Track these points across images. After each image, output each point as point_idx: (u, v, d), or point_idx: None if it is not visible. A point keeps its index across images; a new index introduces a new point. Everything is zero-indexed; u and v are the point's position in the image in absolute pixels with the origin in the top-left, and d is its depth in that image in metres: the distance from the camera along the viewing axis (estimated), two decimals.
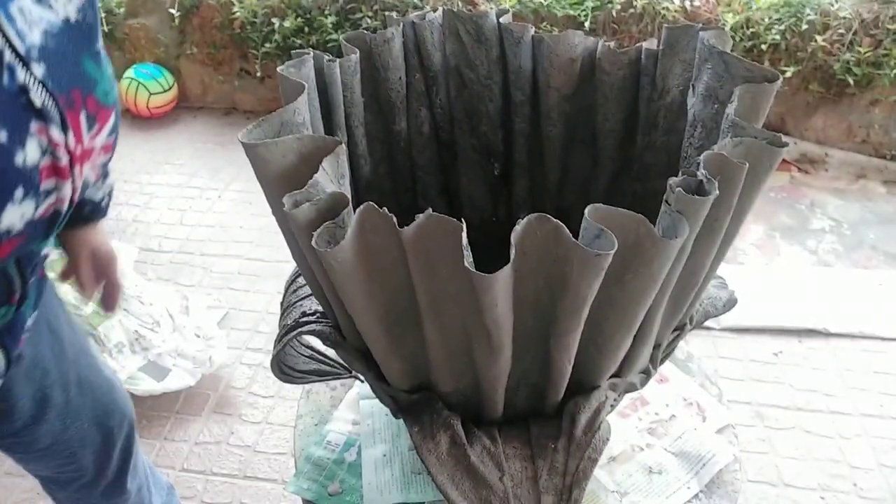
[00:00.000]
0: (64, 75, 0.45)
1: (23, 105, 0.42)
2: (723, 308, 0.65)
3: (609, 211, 0.39)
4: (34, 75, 0.42)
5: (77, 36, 0.47)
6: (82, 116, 0.48)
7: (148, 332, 1.57)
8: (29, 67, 0.42)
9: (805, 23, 2.33)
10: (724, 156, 0.41)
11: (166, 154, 2.67)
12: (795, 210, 2.30)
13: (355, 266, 0.41)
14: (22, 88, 0.42)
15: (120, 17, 2.94)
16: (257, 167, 0.43)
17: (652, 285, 0.43)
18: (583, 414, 0.53)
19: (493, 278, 0.37)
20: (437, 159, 0.75)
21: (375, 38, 0.64)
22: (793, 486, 1.41)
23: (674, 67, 0.58)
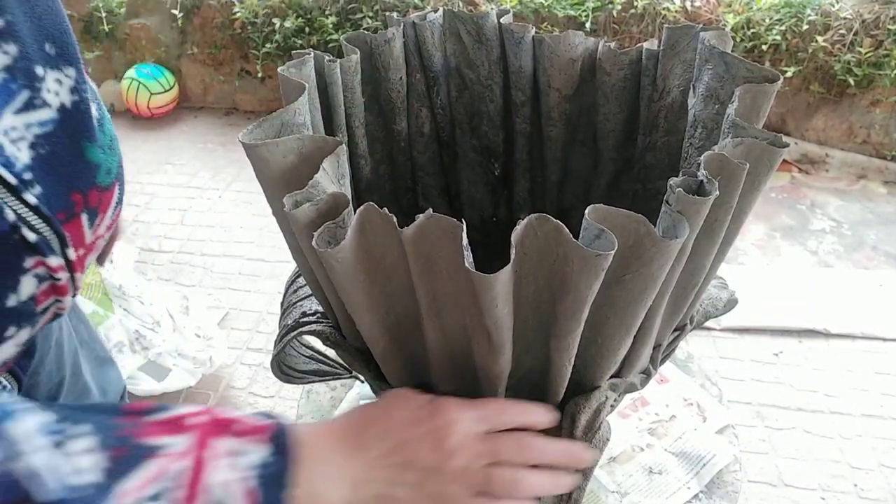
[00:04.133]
0: (62, 184, 0.40)
1: (14, 244, 0.37)
2: (723, 308, 0.65)
3: (609, 211, 0.39)
4: (28, 205, 0.37)
5: (75, 122, 0.41)
6: (83, 218, 0.42)
7: (148, 332, 1.57)
8: (21, 198, 0.37)
9: (806, 23, 2.33)
10: (725, 156, 0.41)
11: (167, 154, 2.67)
12: (796, 210, 2.30)
13: (356, 266, 0.41)
14: (13, 227, 0.37)
15: (121, 17, 2.94)
16: (257, 167, 0.43)
17: (652, 286, 0.43)
18: (583, 414, 0.53)
19: (494, 278, 0.37)
20: (438, 160, 0.75)
21: (376, 38, 0.64)
22: (793, 487, 1.41)
23: (674, 68, 0.58)
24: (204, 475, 0.36)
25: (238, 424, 0.39)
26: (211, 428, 0.38)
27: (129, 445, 0.36)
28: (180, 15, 2.85)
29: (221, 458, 0.37)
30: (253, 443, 0.39)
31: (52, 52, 0.39)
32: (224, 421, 0.39)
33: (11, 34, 0.37)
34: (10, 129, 0.37)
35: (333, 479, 0.41)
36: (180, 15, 2.85)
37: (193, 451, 0.37)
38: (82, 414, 0.37)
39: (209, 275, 2.01)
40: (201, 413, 0.39)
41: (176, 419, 0.38)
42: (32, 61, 0.38)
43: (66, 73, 0.40)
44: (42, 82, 0.38)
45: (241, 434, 0.39)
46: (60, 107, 0.40)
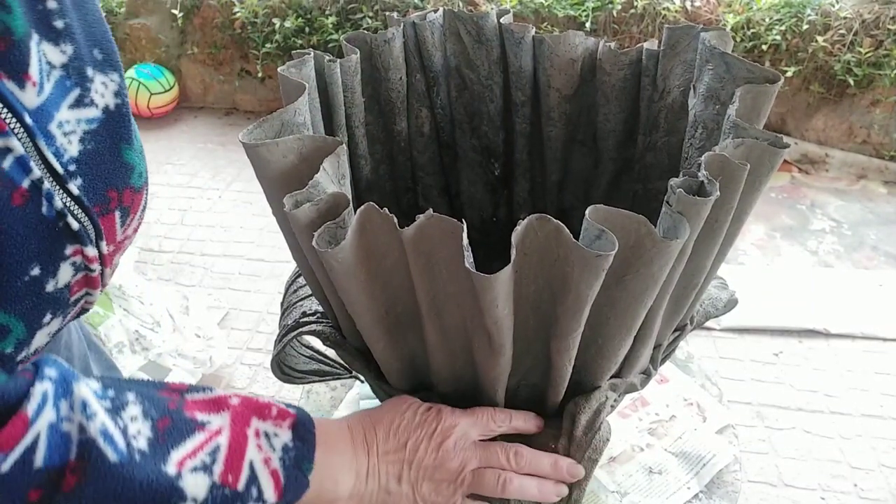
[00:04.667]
0: (101, 179, 0.43)
1: (59, 231, 0.40)
2: (723, 308, 0.65)
3: (610, 212, 0.39)
4: (72, 195, 0.40)
5: (116, 124, 0.44)
6: (117, 215, 0.45)
7: (148, 332, 1.57)
8: (67, 188, 0.40)
9: (806, 23, 2.33)
10: (725, 157, 0.41)
11: (167, 154, 2.67)
12: (796, 210, 2.30)
13: (356, 266, 0.41)
14: (60, 214, 0.39)
15: (121, 17, 2.94)
16: (257, 167, 0.43)
17: (652, 286, 0.43)
18: (583, 414, 0.53)
19: (494, 278, 0.37)
20: (438, 160, 0.75)
21: (376, 38, 0.64)
22: (793, 487, 1.41)
23: (675, 68, 0.58)
24: (237, 453, 0.40)
25: (267, 409, 0.43)
26: (243, 410, 0.42)
27: (176, 418, 0.39)
28: (180, 15, 2.85)
29: (252, 438, 0.41)
30: (279, 427, 0.43)
31: (99, 57, 0.43)
32: (255, 404, 0.43)
33: (69, 36, 0.40)
34: (64, 122, 0.40)
35: (343, 469, 0.45)
36: (180, 15, 2.85)
37: (228, 430, 0.40)
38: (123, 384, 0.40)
39: (209, 275, 2.01)
40: (235, 396, 0.43)
41: (214, 400, 0.42)
42: (84, 62, 0.41)
43: (110, 78, 0.43)
44: (91, 83, 0.42)
45: (269, 418, 0.43)
46: (105, 108, 0.43)
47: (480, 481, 0.48)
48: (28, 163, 0.37)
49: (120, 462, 0.36)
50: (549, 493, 0.51)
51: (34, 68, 0.37)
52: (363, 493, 0.45)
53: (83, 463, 0.35)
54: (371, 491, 0.46)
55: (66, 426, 0.36)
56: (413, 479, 0.47)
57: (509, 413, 0.52)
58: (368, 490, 0.46)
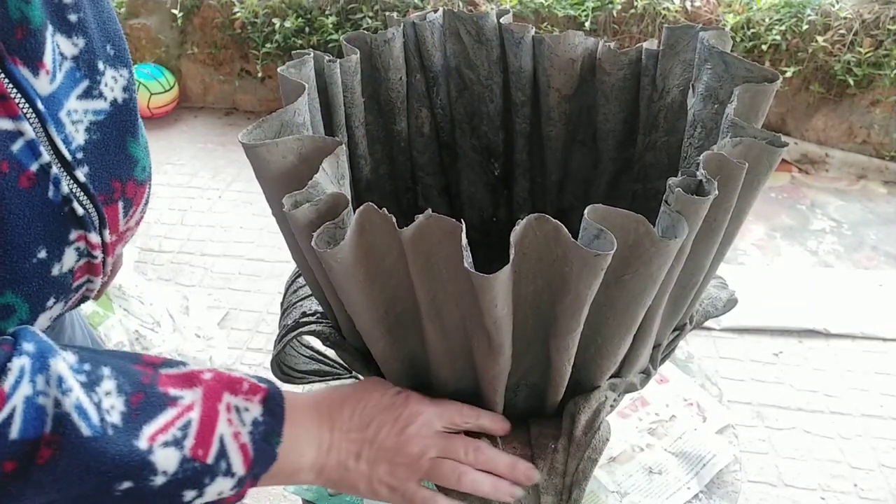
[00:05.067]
0: (106, 169, 0.44)
1: (65, 216, 0.41)
2: (723, 308, 0.65)
3: (608, 211, 0.39)
4: (77, 181, 0.41)
5: (123, 117, 0.45)
6: (120, 205, 0.46)
7: (148, 332, 1.57)
8: (73, 175, 0.41)
9: (806, 23, 2.33)
10: (724, 156, 0.41)
11: (167, 154, 2.67)
12: (796, 210, 2.30)
13: (355, 266, 0.41)
14: (66, 199, 0.41)
15: (121, 17, 2.94)
16: (257, 167, 0.43)
17: (651, 285, 0.43)
18: (583, 414, 0.53)
19: (493, 278, 0.37)
20: (438, 160, 0.75)
21: (376, 38, 0.64)
22: (793, 487, 1.41)
23: (674, 68, 0.58)
24: (208, 427, 0.41)
25: (239, 384, 0.44)
26: (215, 385, 0.43)
27: (149, 392, 0.40)
28: (180, 15, 2.85)
29: (223, 413, 0.42)
30: (250, 402, 0.44)
31: (111, 53, 0.44)
32: (227, 379, 0.44)
33: (82, 30, 0.42)
34: (72, 111, 0.41)
35: (307, 442, 0.46)
36: (180, 15, 2.85)
37: (200, 405, 0.41)
38: (100, 357, 0.40)
39: (209, 275, 2.01)
40: (208, 371, 0.44)
41: (187, 375, 0.42)
42: (96, 56, 0.43)
43: (120, 73, 0.45)
44: (101, 76, 0.43)
45: (241, 393, 0.44)
46: (113, 101, 0.44)
47: (437, 470, 0.49)
48: (38, 147, 0.38)
49: (93, 436, 0.36)
50: (504, 492, 0.51)
51: (48, 57, 0.39)
52: (323, 466, 0.47)
53: (57, 436, 0.36)
54: (331, 465, 0.47)
55: (41, 400, 0.36)
56: (371, 459, 0.48)
57: (478, 411, 0.52)
58: (329, 464, 0.47)
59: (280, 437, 0.44)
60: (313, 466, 0.46)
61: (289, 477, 0.46)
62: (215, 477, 0.41)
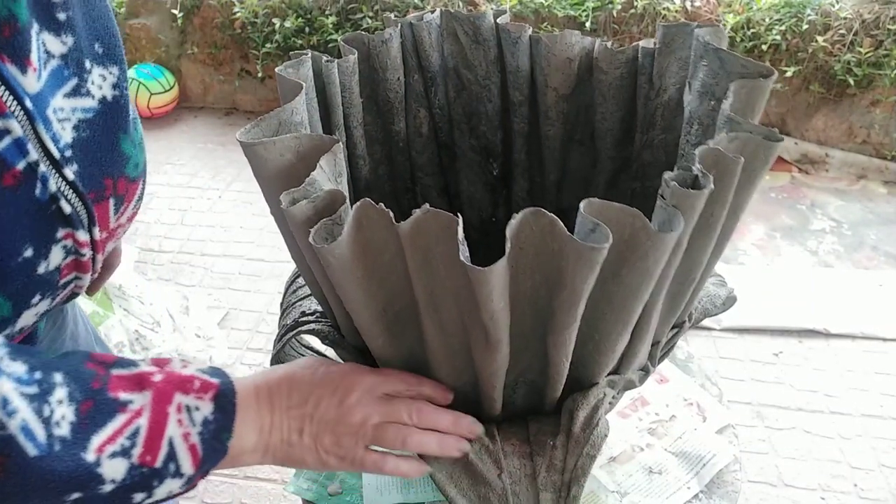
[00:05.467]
0: (96, 166, 0.44)
1: (52, 214, 0.41)
2: (722, 306, 0.65)
3: (604, 205, 0.39)
4: (66, 179, 0.41)
5: (113, 114, 0.45)
6: (111, 203, 0.46)
7: (148, 332, 1.57)
8: (62, 173, 0.41)
9: (806, 23, 2.33)
10: (720, 150, 0.41)
11: (167, 154, 2.67)
12: (796, 210, 2.30)
13: (353, 262, 0.41)
14: (53, 197, 0.40)
15: (121, 17, 2.95)
16: (255, 166, 0.43)
17: (648, 280, 0.43)
18: (581, 411, 0.53)
19: (489, 271, 0.37)
20: (437, 160, 0.75)
21: (374, 38, 0.64)
22: (793, 487, 1.41)
23: (670, 65, 0.58)
24: (157, 433, 0.41)
25: (190, 383, 0.44)
26: (165, 386, 0.43)
27: (98, 399, 0.40)
28: (180, 15, 2.85)
29: (173, 414, 0.42)
30: (201, 400, 0.44)
31: (99, 51, 0.44)
32: (178, 379, 0.44)
33: (70, 28, 0.41)
34: (58, 109, 0.41)
35: (248, 425, 0.46)
36: (180, 15, 2.85)
37: (149, 408, 0.42)
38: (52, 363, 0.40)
39: (209, 275, 2.01)
40: (159, 371, 0.44)
41: (137, 377, 0.42)
42: (83, 54, 0.43)
43: (109, 71, 0.45)
44: (89, 74, 0.43)
45: (192, 391, 0.44)
46: (102, 98, 0.44)
47: (382, 435, 0.49)
48: (25, 145, 0.38)
49: (40, 455, 0.36)
50: (451, 447, 0.52)
51: (34, 55, 0.39)
52: (267, 445, 0.47)
53: (3, 458, 0.36)
54: (274, 444, 0.47)
55: None
56: (314, 433, 0.48)
57: (419, 378, 0.53)
58: (272, 443, 0.47)
59: (231, 433, 0.44)
60: (256, 448, 0.47)
61: (233, 462, 0.46)
62: (164, 479, 0.42)
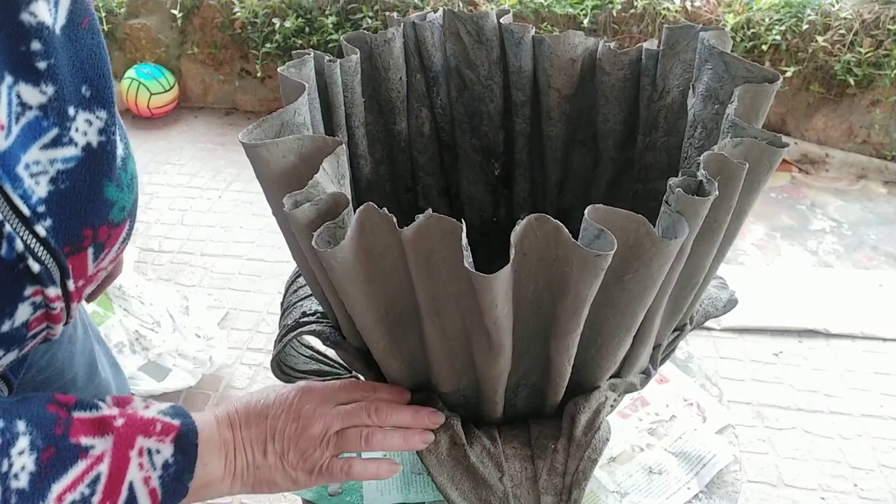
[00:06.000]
0: (75, 218, 0.42)
1: (19, 273, 0.39)
2: (723, 308, 0.65)
3: (609, 211, 0.39)
4: (37, 236, 0.39)
5: (98, 161, 0.42)
6: (89, 252, 0.44)
7: (148, 332, 1.57)
8: (32, 230, 0.39)
9: (806, 23, 2.33)
10: (724, 156, 0.41)
11: (167, 154, 2.67)
12: (796, 210, 2.29)
13: (355, 266, 0.41)
14: (20, 256, 0.38)
15: (121, 17, 2.94)
16: (257, 167, 0.43)
17: (652, 285, 0.43)
18: (583, 414, 0.53)
19: (493, 278, 0.37)
20: (438, 160, 0.75)
21: (376, 38, 0.64)
22: (793, 487, 1.41)
23: (674, 68, 0.58)
24: (117, 478, 0.41)
25: (152, 426, 0.44)
26: (126, 431, 0.43)
27: (60, 446, 0.40)
28: (180, 15, 2.85)
29: (134, 458, 0.42)
30: (162, 443, 0.44)
31: (87, 94, 0.42)
32: (140, 422, 0.44)
33: (51, 76, 0.39)
34: (32, 164, 0.39)
35: (212, 455, 0.47)
36: (180, 15, 2.85)
37: (110, 455, 0.41)
38: (15, 409, 0.40)
39: (209, 275, 2.01)
40: (120, 415, 0.44)
41: (99, 421, 0.42)
42: (66, 102, 0.40)
43: (97, 115, 0.42)
44: (72, 122, 0.40)
45: (154, 434, 0.44)
46: (86, 146, 0.41)
47: (345, 441, 0.50)
48: None
49: None
50: (415, 442, 0.53)
51: (3, 111, 0.36)
52: (234, 472, 0.47)
53: None
54: (240, 468, 0.48)
55: None
56: (279, 451, 0.49)
57: (374, 385, 0.54)
58: (238, 468, 0.48)
59: (192, 474, 0.45)
60: (224, 477, 0.47)
61: (199, 495, 0.46)
62: None
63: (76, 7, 0.41)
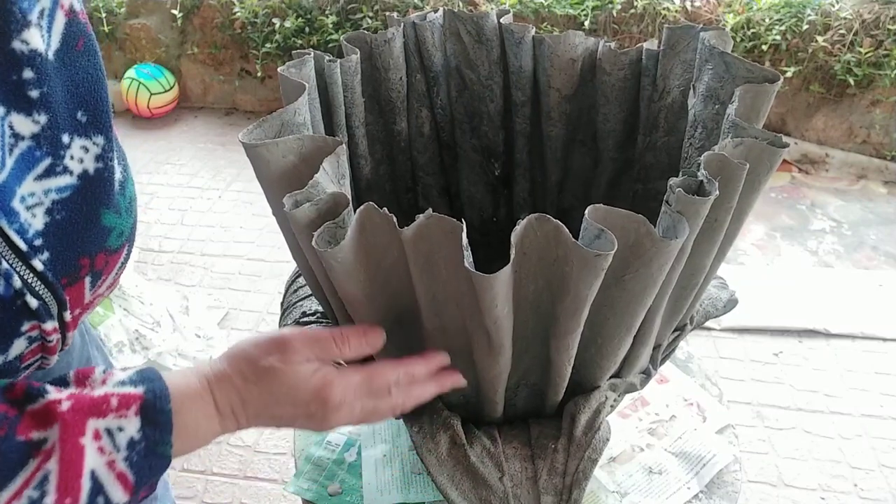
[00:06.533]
0: (72, 249, 0.40)
1: (17, 310, 0.37)
2: (723, 308, 0.65)
3: (609, 211, 0.39)
4: (34, 271, 0.38)
5: (95, 189, 0.41)
6: (86, 281, 0.42)
7: (148, 332, 1.57)
8: (30, 264, 0.37)
9: (806, 23, 2.33)
10: (725, 156, 0.41)
11: (167, 154, 2.67)
12: (796, 210, 2.29)
13: (355, 266, 0.41)
14: (17, 293, 0.37)
15: (121, 17, 2.94)
16: (257, 167, 0.43)
17: (652, 286, 0.43)
18: (583, 414, 0.53)
19: (493, 278, 0.37)
20: (438, 160, 0.75)
21: (376, 38, 0.64)
22: (793, 487, 1.41)
23: (674, 68, 0.58)
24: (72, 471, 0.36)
25: (105, 403, 0.38)
26: (73, 416, 0.37)
27: (4, 450, 0.35)
28: (180, 15, 2.85)
29: (90, 444, 0.37)
30: (123, 418, 0.38)
31: (82, 120, 0.40)
32: (89, 403, 0.38)
33: (44, 104, 0.37)
34: (27, 196, 0.37)
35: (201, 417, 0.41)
36: (180, 15, 2.85)
37: (58, 447, 0.36)
38: None
39: (209, 275, 2.01)
40: (68, 398, 0.38)
41: (44, 409, 0.37)
42: (60, 129, 0.38)
43: (94, 141, 0.41)
44: (66, 150, 0.39)
45: (110, 412, 0.38)
46: (83, 173, 0.40)
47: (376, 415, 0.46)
48: None
49: None
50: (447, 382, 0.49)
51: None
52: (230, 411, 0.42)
53: None
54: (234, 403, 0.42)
55: None
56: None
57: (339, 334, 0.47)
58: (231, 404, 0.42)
59: (169, 443, 0.39)
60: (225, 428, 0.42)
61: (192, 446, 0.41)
62: None
63: (70, 30, 0.39)
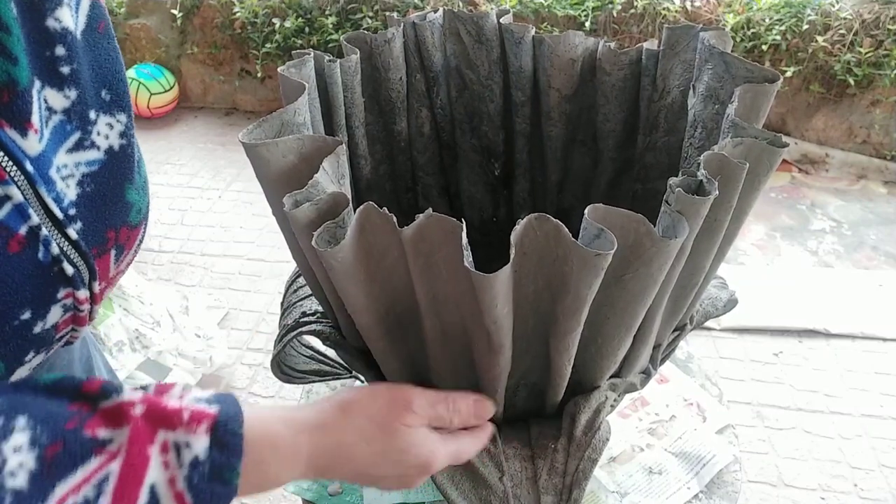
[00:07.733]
0: (101, 221, 0.42)
1: (54, 276, 0.39)
2: (723, 308, 0.65)
3: (609, 211, 0.39)
4: (69, 239, 0.39)
5: (120, 164, 0.43)
6: (112, 254, 0.44)
7: (148, 331, 1.57)
8: (65, 233, 0.39)
9: (806, 23, 2.33)
10: (725, 156, 0.41)
11: (167, 154, 2.67)
12: (796, 210, 2.30)
13: (355, 266, 0.41)
14: (55, 259, 0.38)
15: (121, 17, 2.95)
16: (257, 167, 0.43)
17: (652, 285, 0.43)
18: (583, 414, 0.53)
19: (493, 278, 0.37)
20: (438, 160, 0.75)
21: (376, 38, 0.64)
22: (793, 487, 1.41)
23: (674, 68, 0.58)
24: (132, 479, 0.35)
25: (177, 416, 0.37)
26: (145, 423, 0.36)
27: (69, 440, 0.34)
28: (180, 15, 2.85)
29: (156, 456, 0.36)
30: (192, 434, 0.36)
31: (106, 98, 0.42)
32: (162, 412, 0.37)
33: (75, 80, 0.39)
34: (62, 167, 0.39)
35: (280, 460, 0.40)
36: (180, 15, 2.85)
37: (125, 451, 0.35)
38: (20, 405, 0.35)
39: (209, 275, 2.01)
40: (142, 401, 0.37)
41: (116, 410, 0.36)
42: (88, 106, 0.41)
43: (117, 119, 0.43)
44: (93, 125, 0.41)
45: (180, 426, 0.36)
46: (108, 149, 0.42)
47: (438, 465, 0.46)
48: (27, 210, 0.37)
49: None
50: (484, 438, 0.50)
51: (36, 116, 0.37)
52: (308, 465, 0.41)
53: None
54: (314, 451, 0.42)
55: None
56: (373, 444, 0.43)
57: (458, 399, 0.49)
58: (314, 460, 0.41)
59: (237, 470, 0.37)
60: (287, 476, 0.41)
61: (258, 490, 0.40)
62: None
63: (94, 12, 0.42)
